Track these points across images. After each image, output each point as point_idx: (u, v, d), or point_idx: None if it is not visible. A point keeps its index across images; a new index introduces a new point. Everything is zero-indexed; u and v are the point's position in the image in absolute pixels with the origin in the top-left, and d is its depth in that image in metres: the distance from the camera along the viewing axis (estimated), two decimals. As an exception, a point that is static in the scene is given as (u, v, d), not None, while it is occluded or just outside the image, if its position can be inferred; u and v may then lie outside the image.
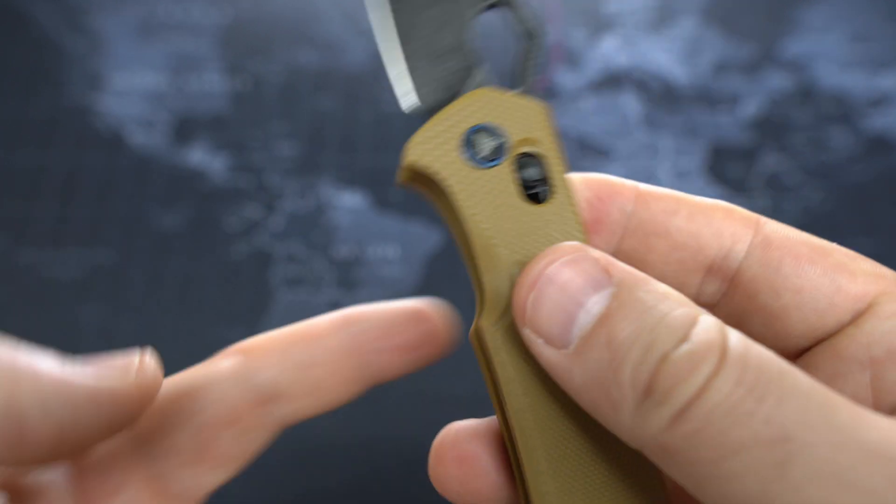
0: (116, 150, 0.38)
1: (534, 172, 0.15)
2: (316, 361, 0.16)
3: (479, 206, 0.14)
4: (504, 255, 0.14)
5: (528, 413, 0.14)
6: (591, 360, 0.12)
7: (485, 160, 0.15)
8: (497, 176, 0.15)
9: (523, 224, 0.14)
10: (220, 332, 0.34)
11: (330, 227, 0.37)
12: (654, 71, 0.41)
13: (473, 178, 0.14)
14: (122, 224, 0.37)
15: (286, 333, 0.17)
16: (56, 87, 0.40)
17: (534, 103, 0.16)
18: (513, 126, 0.15)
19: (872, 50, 0.42)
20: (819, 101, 0.40)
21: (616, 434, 0.12)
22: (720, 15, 0.43)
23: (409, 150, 0.15)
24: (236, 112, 0.40)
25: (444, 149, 0.14)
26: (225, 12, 0.43)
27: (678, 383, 0.11)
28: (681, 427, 0.11)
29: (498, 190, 0.14)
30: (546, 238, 0.14)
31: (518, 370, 0.14)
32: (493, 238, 0.14)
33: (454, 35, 0.16)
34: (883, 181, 0.38)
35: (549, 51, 0.42)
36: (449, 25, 0.16)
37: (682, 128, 0.39)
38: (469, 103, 0.15)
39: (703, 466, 0.11)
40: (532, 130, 0.15)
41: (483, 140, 0.15)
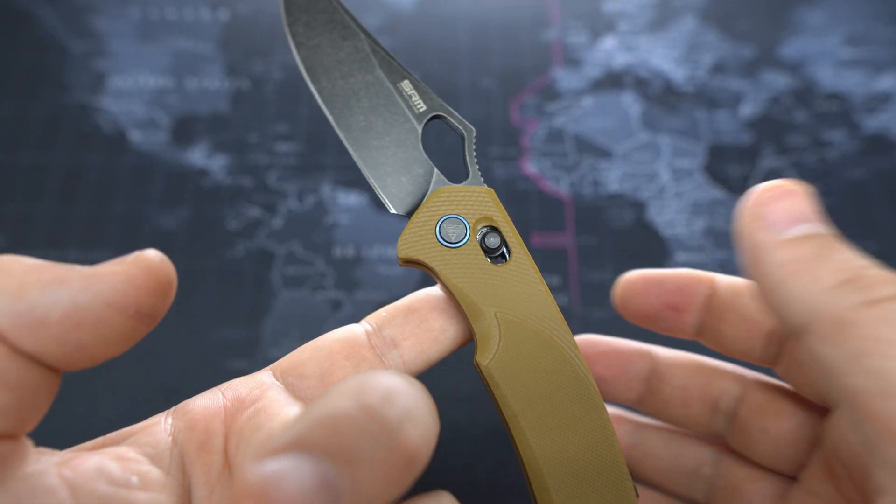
0: (117, 149, 0.39)
1: (494, 241, 0.19)
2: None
3: (458, 275, 0.19)
4: (484, 308, 0.19)
5: (522, 421, 0.18)
6: (802, 248, 0.16)
7: (454, 242, 0.19)
8: (467, 251, 0.19)
9: (494, 281, 0.19)
10: (221, 331, 0.34)
11: (330, 227, 0.37)
12: (654, 71, 0.41)
13: (449, 256, 0.19)
14: (122, 224, 0.37)
15: None
16: (57, 87, 0.40)
17: (481, 189, 0.20)
18: (469, 211, 0.20)
19: (871, 50, 0.42)
20: (818, 102, 0.40)
21: (792, 303, 0.15)
22: (720, 15, 0.43)
23: (399, 249, 0.19)
24: (236, 112, 0.40)
25: (423, 241, 0.19)
26: (225, 12, 0.43)
27: (882, 282, 0.14)
28: (872, 310, 0.14)
29: (469, 260, 0.19)
30: (513, 289, 0.19)
31: (511, 390, 0.18)
32: (474, 297, 0.19)
33: (410, 149, 0.20)
34: (882, 181, 0.38)
35: (550, 50, 0.42)
36: (404, 144, 0.20)
37: (682, 128, 0.39)
38: (434, 201, 0.19)
39: (871, 343, 0.14)
40: (485, 210, 0.20)
41: (449, 228, 0.19)
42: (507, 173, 0.38)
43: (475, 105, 0.40)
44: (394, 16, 0.43)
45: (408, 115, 0.21)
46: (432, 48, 0.42)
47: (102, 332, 0.14)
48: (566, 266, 0.36)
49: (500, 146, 0.39)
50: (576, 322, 0.35)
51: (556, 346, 0.19)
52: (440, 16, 0.43)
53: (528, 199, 0.37)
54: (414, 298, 0.20)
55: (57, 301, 0.13)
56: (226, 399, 0.17)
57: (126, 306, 0.14)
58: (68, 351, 0.13)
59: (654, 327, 0.23)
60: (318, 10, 0.21)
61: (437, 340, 0.19)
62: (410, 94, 0.21)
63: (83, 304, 0.13)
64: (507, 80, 0.41)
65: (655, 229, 0.37)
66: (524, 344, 0.18)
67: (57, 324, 0.13)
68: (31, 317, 0.13)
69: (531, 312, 0.19)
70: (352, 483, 0.11)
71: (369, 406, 0.12)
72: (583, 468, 0.18)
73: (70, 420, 0.32)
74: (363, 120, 0.20)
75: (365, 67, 0.21)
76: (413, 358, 0.19)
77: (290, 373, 0.18)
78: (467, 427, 0.32)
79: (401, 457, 0.12)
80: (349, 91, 0.20)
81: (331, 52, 0.21)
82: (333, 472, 0.11)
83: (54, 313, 0.13)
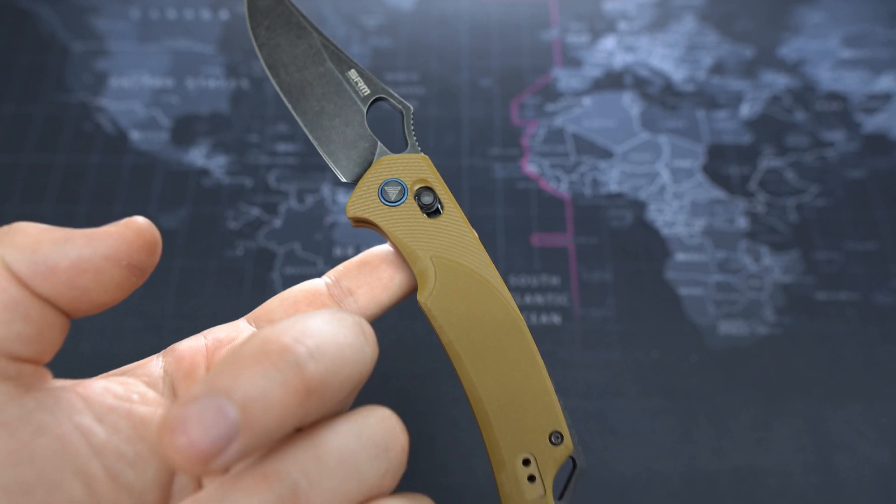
0: (117, 149, 0.39)
1: (428, 199, 0.23)
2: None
3: (399, 228, 0.22)
4: (421, 253, 0.22)
5: (457, 347, 0.21)
6: None
7: (395, 201, 0.22)
8: (406, 208, 0.22)
9: (430, 232, 0.22)
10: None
11: (330, 227, 0.37)
12: (654, 71, 0.41)
13: (391, 213, 0.22)
14: (123, 224, 0.37)
15: None
16: (57, 87, 0.40)
17: (418, 156, 0.23)
18: (407, 174, 0.23)
19: (871, 51, 0.42)
20: (817, 102, 0.40)
21: None
22: (720, 15, 0.43)
23: (349, 210, 0.23)
24: (236, 112, 0.40)
25: (368, 202, 0.22)
26: (225, 12, 0.43)
27: None
28: None
29: (408, 216, 0.22)
30: (446, 237, 0.22)
31: (446, 321, 0.22)
32: (412, 245, 0.22)
33: (357, 128, 0.24)
34: (882, 181, 0.38)
35: (551, 50, 0.42)
36: (351, 123, 0.24)
37: (681, 128, 0.39)
38: (377, 168, 0.23)
39: None
40: (420, 173, 0.23)
41: (390, 189, 0.23)
42: (507, 173, 0.38)
43: (475, 105, 0.40)
44: (394, 16, 0.43)
45: (354, 99, 0.24)
46: (432, 48, 0.42)
47: (102, 280, 0.17)
48: (566, 266, 0.36)
49: (500, 146, 0.39)
50: (576, 322, 0.35)
51: (485, 283, 0.22)
52: (440, 16, 0.43)
53: (528, 199, 0.37)
54: (366, 254, 0.23)
55: (65, 253, 0.16)
56: (207, 341, 0.20)
57: (119, 259, 0.17)
58: (75, 295, 0.17)
59: None
60: (277, 15, 0.24)
61: (387, 287, 0.22)
62: (356, 80, 0.24)
63: (86, 256, 0.17)
64: (507, 80, 0.41)
65: (655, 229, 0.37)
66: (457, 281, 0.22)
67: (65, 271, 0.16)
68: (44, 265, 0.16)
69: (462, 255, 0.22)
70: (246, 414, 0.13)
71: (266, 351, 0.14)
72: (514, 388, 0.21)
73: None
74: (317, 105, 0.24)
75: (317, 61, 0.24)
76: (367, 304, 0.22)
77: (261, 318, 0.21)
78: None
79: (298, 391, 0.14)
80: (304, 82, 0.24)
81: (288, 49, 0.24)
82: (228, 405, 0.13)
83: (63, 263, 0.16)
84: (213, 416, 0.13)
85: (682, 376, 0.33)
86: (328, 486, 0.15)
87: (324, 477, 0.15)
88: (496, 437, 0.21)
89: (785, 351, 0.34)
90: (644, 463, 0.32)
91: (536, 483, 0.21)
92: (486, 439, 0.21)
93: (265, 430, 0.14)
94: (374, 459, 0.16)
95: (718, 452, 0.32)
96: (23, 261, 0.16)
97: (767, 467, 0.32)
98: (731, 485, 0.31)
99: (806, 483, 0.31)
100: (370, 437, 0.16)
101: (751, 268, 0.36)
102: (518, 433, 0.21)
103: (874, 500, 0.31)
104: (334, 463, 0.15)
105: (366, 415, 0.16)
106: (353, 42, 0.42)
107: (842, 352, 0.34)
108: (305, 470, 0.14)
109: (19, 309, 0.16)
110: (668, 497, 0.31)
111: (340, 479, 0.15)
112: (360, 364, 0.16)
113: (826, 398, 0.33)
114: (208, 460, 0.13)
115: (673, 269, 0.36)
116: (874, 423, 0.32)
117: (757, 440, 0.32)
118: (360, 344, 0.16)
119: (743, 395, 0.33)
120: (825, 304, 0.35)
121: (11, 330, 0.16)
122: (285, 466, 0.14)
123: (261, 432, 0.14)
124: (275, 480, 0.14)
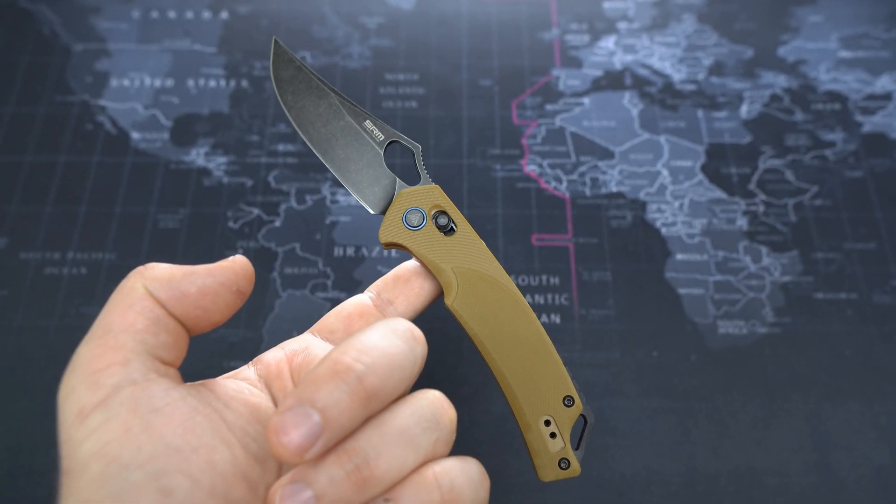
0: (117, 149, 0.39)
1: (443, 221, 0.27)
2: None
3: (423, 247, 0.27)
4: (443, 265, 0.27)
5: (483, 338, 0.26)
6: None
7: (417, 226, 0.27)
8: (426, 230, 0.27)
9: (448, 247, 0.27)
10: (221, 331, 0.34)
11: (330, 226, 0.37)
12: (654, 71, 0.41)
13: (415, 236, 0.27)
14: (122, 224, 0.37)
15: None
16: (58, 88, 0.40)
17: (432, 187, 0.28)
18: (425, 202, 0.27)
19: (869, 51, 0.42)
20: (817, 102, 0.40)
21: None
22: (719, 16, 0.43)
23: (381, 235, 0.27)
24: (236, 112, 0.40)
25: (395, 229, 0.27)
26: (225, 12, 0.43)
27: None
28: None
29: (429, 236, 0.27)
30: (462, 250, 0.27)
31: (471, 318, 0.26)
32: (436, 259, 0.27)
33: (377, 168, 0.28)
34: (880, 181, 0.38)
35: (552, 49, 0.42)
36: (372, 164, 0.28)
37: (681, 128, 0.39)
38: (399, 200, 0.27)
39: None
40: (435, 200, 0.27)
41: (412, 216, 0.27)
42: (507, 173, 0.38)
43: (475, 105, 0.40)
44: (394, 16, 0.43)
45: (372, 145, 0.28)
46: (432, 48, 0.42)
47: (218, 302, 0.22)
48: (566, 266, 0.36)
49: (500, 146, 0.39)
50: (576, 322, 0.35)
51: (497, 283, 0.26)
52: (440, 16, 0.43)
53: (528, 199, 0.37)
54: (399, 269, 0.28)
55: (193, 282, 0.22)
56: (285, 351, 0.25)
57: (231, 286, 0.22)
58: (199, 314, 0.22)
59: None
60: (299, 81, 0.28)
61: (419, 295, 0.27)
62: (371, 129, 0.28)
63: (208, 284, 0.22)
64: (507, 80, 0.41)
65: (655, 229, 0.37)
66: (475, 285, 0.26)
67: (193, 296, 0.22)
68: (178, 291, 0.22)
69: (477, 263, 0.27)
70: (325, 418, 0.18)
71: (335, 371, 0.19)
72: (530, 364, 0.26)
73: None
74: (342, 153, 0.28)
75: (337, 116, 0.28)
76: (405, 310, 0.27)
77: (323, 331, 0.26)
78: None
79: (360, 397, 0.19)
80: (329, 135, 0.28)
81: (312, 109, 0.28)
82: (313, 413, 0.18)
83: (192, 290, 0.22)
84: (302, 420, 0.18)
85: (682, 376, 0.33)
86: (391, 454, 0.19)
87: (387, 447, 0.19)
88: (521, 405, 0.26)
89: (784, 350, 0.34)
90: (644, 463, 0.32)
91: (557, 438, 0.26)
92: (513, 407, 0.26)
93: (340, 427, 0.18)
94: (427, 430, 0.20)
95: (718, 452, 0.32)
96: (162, 289, 0.21)
97: (767, 467, 0.32)
98: (730, 484, 0.31)
99: (805, 482, 0.31)
100: (422, 414, 0.20)
101: (750, 268, 0.36)
102: (538, 400, 0.26)
103: (873, 499, 0.31)
104: (394, 436, 0.19)
105: (419, 396, 0.21)
106: (353, 42, 0.42)
107: (841, 351, 0.34)
108: (373, 444, 0.19)
109: (161, 324, 0.21)
110: (668, 497, 0.31)
111: (400, 447, 0.19)
112: (411, 364, 0.20)
113: (825, 398, 0.33)
114: (303, 452, 0.18)
115: (673, 268, 0.36)
116: (873, 423, 0.33)
117: (756, 440, 0.32)
118: (411, 347, 0.21)
119: (742, 394, 0.33)
120: (824, 303, 0.35)
121: (159, 339, 0.21)
122: (359, 443, 0.19)
123: (337, 429, 0.18)
124: (351, 454, 0.19)
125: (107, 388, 0.19)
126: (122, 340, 0.20)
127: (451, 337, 0.35)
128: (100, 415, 0.19)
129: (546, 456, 0.26)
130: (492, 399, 0.33)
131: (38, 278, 0.35)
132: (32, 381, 0.33)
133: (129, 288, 0.21)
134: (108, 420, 0.19)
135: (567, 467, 0.26)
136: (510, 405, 0.26)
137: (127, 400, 0.19)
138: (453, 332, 0.35)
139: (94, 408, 0.19)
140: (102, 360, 0.20)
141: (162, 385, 0.20)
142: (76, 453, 0.19)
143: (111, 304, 0.21)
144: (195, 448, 0.19)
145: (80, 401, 0.19)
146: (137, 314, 0.21)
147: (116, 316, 0.21)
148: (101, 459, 0.18)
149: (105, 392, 0.19)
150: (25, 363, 0.33)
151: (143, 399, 0.19)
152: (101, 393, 0.19)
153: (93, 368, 0.20)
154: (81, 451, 0.19)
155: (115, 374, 0.20)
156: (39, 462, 0.31)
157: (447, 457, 0.21)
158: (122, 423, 0.19)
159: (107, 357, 0.20)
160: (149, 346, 0.21)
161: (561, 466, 0.26)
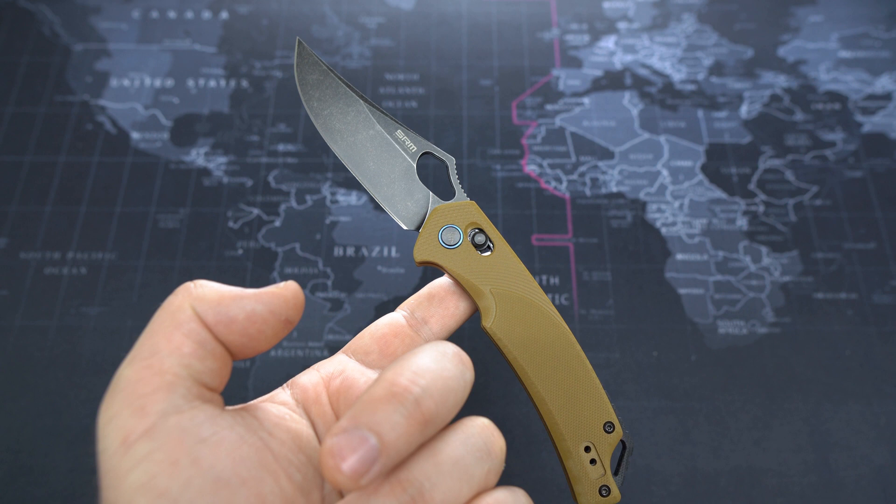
0: (117, 149, 0.39)
1: (480, 239, 0.26)
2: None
3: (460, 265, 0.26)
4: (482, 287, 0.26)
5: (522, 361, 0.25)
6: None
7: (453, 244, 0.26)
8: (463, 248, 0.26)
9: (485, 267, 0.26)
10: (221, 331, 0.34)
11: (330, 227, 0.37)
12: (654, 71, 0.41)
13: (451, 255, 0.26)
14: (122, 224, 0.37)
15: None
16: (58, 88, 0.40)
17: (466, 203, 0.26)
18: (460, 220, 0.26)
19: (869, 51, 0.42)
20: (817, 102, 0.40)
21: None
22: (719, 16, 0.43)
23: (416, 255, 0.26)
24: (236, 112, 0.40)
25: (431, 247, 0.26)
26: (225, 12, 0.43)
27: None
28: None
29: (466, 255, 0.26)
30: (499, 270, 0.26)
31: (509, 341, 0.25)
32: (473, 280, 0.26)
33: (410, 181, 0.27)
34: (880, 181, 0.38)
35: (552, 50, 0.42)
36: (405, 177, 0.26)
37: (681, 128, 0.39)
38: (434, 217, 0.26)
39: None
40: (471, 217, 0.26)
41: (448, 234, 0.26)
42: (507, 173, 0.38)
43: (475, 105, 0.40)
44: (394, 16, 0.43)
45: (404, 156, 0.27)
46: (432, 48, 0.42)
47: (265, 330, 0.21)
48: (566, 266, 0.36)
49: (500, 146, 0.39)
50: (576, 322, 0.35)
51: (536, 305, 0.25)
52: (440, 16, 0.43)
53: (529, 199, 0.37)
54: (432, 287, 0.27)
55: (242, 307, 0.21)
56: (321, 374, 0.24)
57: (279, 314, 0.21)
58: (244, 341, 0.21)
59: None
60: (325, 87, 0.27)
61: (454, 315, 0.26)
62: (403, 139, 0.27)
63: (257, 310, 0.21)
64: (507, 80, 0.41)
65: (655, 229, 0.37)
66: (514, 308, 0.25)
67: (241, 322, 0.20)
68: (226, 316, 0.20)
69: (514, 285, 0.26)
70: (382, 442, 0.17)
71: (392, 393, 0.18)
72: (571, 390, 0.25)
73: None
74: (374, 166, 0.27)
75: (367, 125, 0.27)
76: (439, 330, 0.26)
77: (358, 352, 0.25)
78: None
79: (418, 421, 0.18)
80: (359, 146, 0.27)
81: (339, 117, 0.27)
82: (370, 436, 0.17)
83: (240, 315, 0.20)
84: (359, 443, 0.17)
85: (682, 376, 0.34)
86: (446, 485, 0.18)
87: (442, 478, 0.18)
88: (561, 431, 0.25)
89: (784, 350, 0.34)
90: (644, 463, 0.32)
91: (597, 465, 0.25)
92: (553, 433, 0.25)
93: (397, 452, 0.18)
94: (480, 461, 0.19)
95: (718, 452, 0.32)
96: (210, 311, 0.20)
97: (767, 467, 0.32)
98: (730, 484, 0.31)
99: (805, 482, 0.31)
100: (475, 443, 0.20)
101: (750, 268, 0.36)
102: (579, 426, 0.25)
103: (873, 498, 0.31)
104: (449, 466, 0.19)
105: (470, 425, 0.20)
106: (353, 42, 0.42)
107: (840, 351, 0.34)
108: (427, 474, 0.18)
109: (207, 348, 0.20)
110: (668, 497, 0.31)
111: (455, 479, 0.19)
112: (462, 389, 0.20)
113: (825, 397, 0.33)
114: (360, 477, 0.17)
115: (673, 268, 0.36)
116: (873, 423, 0.33)
117: (756, 440, 0.32)
118: (461, 371, 0.20)
119: (742, 394, 0.33)
120: (824, 303, 0.35)
121: (205, 365, 0.20)
122: (413, 474, 0.18)
123: (394, 454, 0.18)
124: (406, 485, 0.18)
125: (153, 415, 0.18)
126: (167, 364, 0.19)
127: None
128: (146, 444, 0.18)
129: (587, 483, 0.25)
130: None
131: (38, 278, 0.35)
132: (32, 381, 0.33)
133: (177, 307, 0.20)
134: (155, 451, 0.18)
135: (608, 494, 0.25)
136: (549, 431, 0.26)
137: (174, 429, 0.18)
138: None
139: (139, 437, 0.18)
140: (148, 385, 0.19)
141: (207, 412, 0.19)
142: (121, 485, 0.18)
143: (157, 322, 0.20)
144: (244, 481, 0.19)
145: (125, 427, 0.18)
146: (184, 337, 0.20)
147: (162, 337, 0.20)
148: (148, 493, 0.17)
149: (151, 420, 0.18)
150: (25, 363, 0.33)
151: (191, 429, 0.19)
152: (148, 421, 0.18)
153: (137, 393, 0.19)
154: (127, 483, 0.18)
155: (161, 401, 0.19)
156: (39, 462, 0.31)
157: (496, 487, 0.20)
158: (169, 454, 0.18)
159: (152, 381, 0.19)
160: (194, 372, 0.20)
161: (602, 494, 0.25)
